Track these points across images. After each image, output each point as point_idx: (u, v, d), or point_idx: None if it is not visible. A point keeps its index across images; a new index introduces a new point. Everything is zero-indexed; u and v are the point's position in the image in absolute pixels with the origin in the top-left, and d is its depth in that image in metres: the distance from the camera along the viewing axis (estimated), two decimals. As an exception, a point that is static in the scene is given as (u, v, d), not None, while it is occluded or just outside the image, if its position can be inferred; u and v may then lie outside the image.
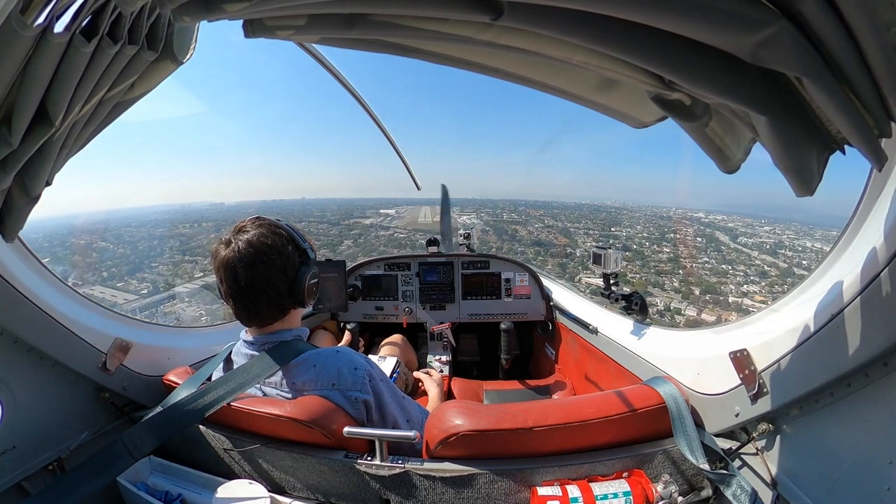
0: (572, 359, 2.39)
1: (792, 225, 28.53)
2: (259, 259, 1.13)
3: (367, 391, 1.19)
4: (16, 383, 1.15)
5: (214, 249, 1.17)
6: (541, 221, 36.32)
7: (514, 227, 35.06)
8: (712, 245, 28.59)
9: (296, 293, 1.19)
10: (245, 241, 1.13)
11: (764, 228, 29.16)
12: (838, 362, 0.85)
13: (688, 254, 27.25)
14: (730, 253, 27.20)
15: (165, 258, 25.03)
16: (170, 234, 28.47)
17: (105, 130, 1.04)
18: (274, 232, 1.18)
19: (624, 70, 0.72)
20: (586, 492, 1.02)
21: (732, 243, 28.10)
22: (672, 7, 0.54)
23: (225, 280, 1.15)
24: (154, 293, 19.31)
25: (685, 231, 30.65)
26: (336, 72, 1.94)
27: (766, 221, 29.79)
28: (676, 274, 24.50)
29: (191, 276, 21.68)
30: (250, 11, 0.65)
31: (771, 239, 27.97)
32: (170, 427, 1.13)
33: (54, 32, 0.70)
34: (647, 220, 33.71)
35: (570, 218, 37.01)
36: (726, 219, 31.25)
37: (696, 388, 1.25)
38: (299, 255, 1.22)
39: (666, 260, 26.54)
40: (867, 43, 0.53)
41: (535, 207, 40.64)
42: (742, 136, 0.83)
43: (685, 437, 1.12)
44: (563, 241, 31.34)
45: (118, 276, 21.53)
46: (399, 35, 0.73)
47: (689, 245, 28.53)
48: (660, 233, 30.22)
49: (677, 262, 26.27)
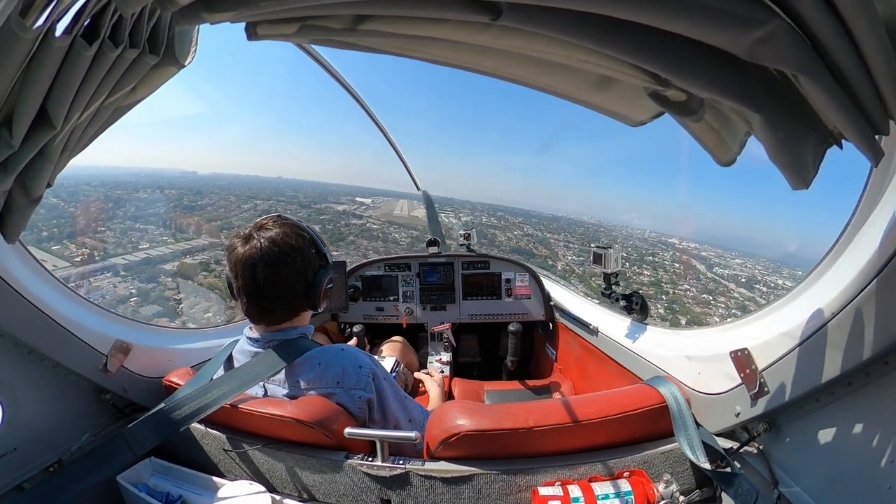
0: (573, 359, 2.39)
1: (761, 261, 28.79)
2: (282, 259, 1.12)
3: (370, 389, 1.19)
4: (16, 385, 1.15)
5: (231, 244, 1.16)
6: (520, 229, 36.17)
7: (493, 231, 34.87)
8: (690, 272, 28.56)
9: (311, 296, 1.19)
10: (268, 238, 1.12)
11: (735, 261, 29.29)
12: (839, 361, 0.85)
13: (668, 279, 27.03)
14: (708, 283, 27.20)
15: (115, 223, 23.08)
16: (127, 198, 26.44)
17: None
18: (297, 233, 1.17)
19: (621, 68, 0.72)
20: (587, 492, 1.02)
21: (709, 273, 28.18)
22: (669, 5, 0.54)
23: (241, 276, 1.13)
24: (91, 261, 17.79)
25: (663, 255, 30.57)
26: (335, 71, 1.94)
27: (738, 254, 29.99)
28: (660, 299, 24.29)
29: (134, 247, 20.13)
30: (251, 14, 0.66)
31: (744, 272, 28.09)
32: (172, 424, 1.13)
33: (55, 35, 0.70)
34: (624, 240, 33.67)
35: (549, 229, 36.95)
36: (699, 247, 31.48)
37: (697, 387, 1.24)
38: (319, 258, 1.22)
39: (647, 283, 26.25)
40: (864, 40, 0.53)
41: (513, 214, 40.58)
42: (738, 129, 0.83)
43: (686, 437, 1.12)
44: (543, 251, 31.16)
45: (57, 237, 19.68)
46: (398, 35, 0.73)
47: (669, 271, 28.44)
48: (638, 254, 30.07)
49: (659, 286, 25.98)
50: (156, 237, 21.72)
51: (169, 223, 24.95)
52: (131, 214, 24.51)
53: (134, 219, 23.95)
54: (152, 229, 22.63)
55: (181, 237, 22.97)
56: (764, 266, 28.26)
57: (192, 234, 23.83)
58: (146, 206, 26.25)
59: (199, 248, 20.49)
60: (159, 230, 23.29)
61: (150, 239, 21.13)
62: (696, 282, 27.50)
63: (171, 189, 30.09)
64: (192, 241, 21.57)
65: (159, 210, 25.69)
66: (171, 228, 24.47)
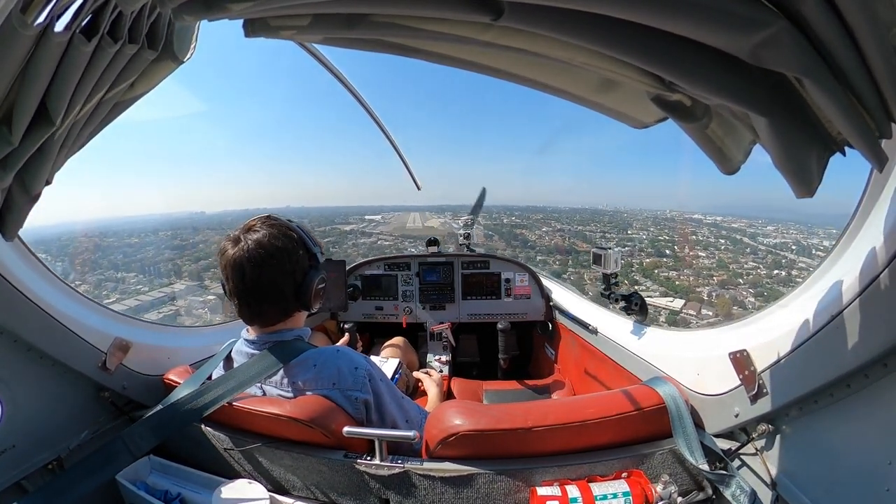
0: (572, 359, 2.39)
1: (789, 224, 26.87)
2: (268, 261, 1.11)
3: (367, 391, 1.19)
4: (15, 382, 1.15)
5: (222, 247, 1.15)
6: (547, 225, 34.45)
7: (519, 230, 33.12)
8: (742, 248, 26.16)
9: (302, 297, 1.18)
10: (255, 240, 1.11)
11: (768, 228, 27.45)
12: (838, 363, 0.85)
13: (729, 259, 24.91)
14: (766, 256, 24.87)
15: (95, 275, 21.99)
16: (118, 244, 25.19)
17: (104, 132, 1.04)
18: (285, 234, 1.16)
19: (624, 71, 0.72)
20: (586, 492, 1.02)
21: (760, 245, 25.82)
22: (672, 7, 0.54)
23: (231, 279, 1.14)
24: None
25: (701, 232, 28.27)
26: (336, 71, 1.94)
27: (765, 221, 28.10)
28: (739, 284, 21.91)
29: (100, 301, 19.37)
30: (251, 11, 0.65)
31: (787, 238, 25.90)
32: (170, 425, 1.13)
33: (55, 31, 0.70)
34: (655, 222, 32.11)
35: (576, 221, 34.81)
36: (726, 219, 29.34)
37: (696, 388, 1.25)
38: (309, 258, 1.20)
39: (713, 267, 24.38)
40: (867, 43, 0.53)
41: (530, 212, 39.10)
42: (742, 137, 0.83)
43: (685, 438, 1.12)
44: (583, 245, 28.76)
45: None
46: (400, 35, 0.73)
47: (722, 249, 26.10)
48: (678, 235, 28.21)
49: (727, 268, 23.92)
50: (130, 287, 20.64)
51: (150, 269, 23.70)
52: (114, 263, 23.44)
53: (115, 268, 22.88)
54: (130, 277, 21.53)
55: (158, 283, 21.72)
56: (796, 230, 26.30)
57: (171, 279, 22.53)
58: (134, 251, 25.25)
59: (169, 298, 19.08)
60: (137, 277, 22.15)
61: (124, 290, 20.15)
62: (755, 257, 25.40)
63: (166, 231, 28.74)
64: (167, 288, 20.38)
65: (147, 255, 24.62)
66: (150, 274, 23.14)
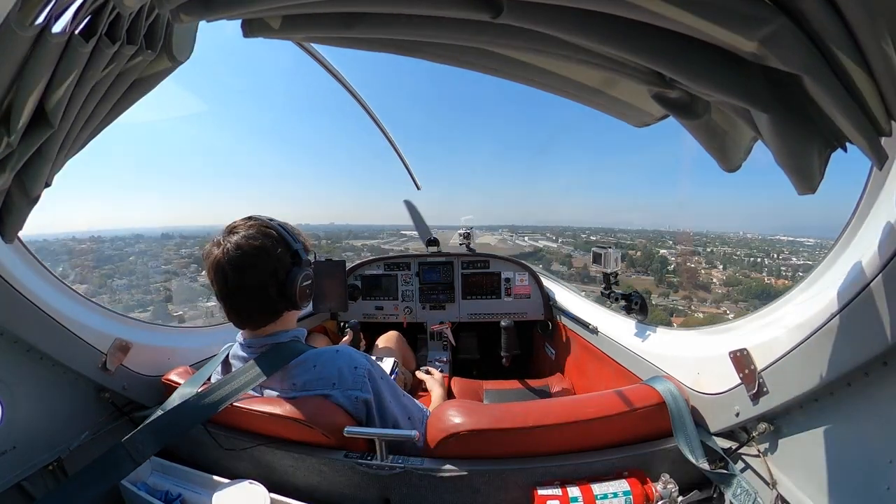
0: (572, 358, 2.39)
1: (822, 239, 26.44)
2: (246, 262, 1.10)
3: (367, 390, 1.18)
4: (15, 383, 1.15)
5: (207, 250, 1.15)
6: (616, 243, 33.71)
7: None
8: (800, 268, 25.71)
9: (287, 296, 1.17)
10: (234, 242, 1.11)
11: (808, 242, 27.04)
12: (838, 362, 0.85)
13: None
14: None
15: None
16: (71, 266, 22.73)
17: (103, 135, 1.04)
18: (263, 233, 1.14)
19: (624, 68, 0.72)
20: (586, 492, 1.02)
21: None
22: (672, 4, 0.54)
23: (215, 282, 1.13)
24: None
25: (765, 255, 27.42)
26: (335, 71, 1.93)
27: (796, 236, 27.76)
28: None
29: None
30: (249, 11, 0.65)
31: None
32: (170, 431, 1.13)
33: (52, 32, 0.69)
34: (734, 244, 31.45)
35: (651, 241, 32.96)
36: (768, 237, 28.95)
37: (697, 387, 1.24)
38: (291, 256, 1.19)
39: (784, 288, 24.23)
40: (867, 40, 0.53)
41: (596, 233, 37.08)
42: (743, 134, 0.82)
43: (685, 437, 1.12)
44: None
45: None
46: (398, 34, 0.73)
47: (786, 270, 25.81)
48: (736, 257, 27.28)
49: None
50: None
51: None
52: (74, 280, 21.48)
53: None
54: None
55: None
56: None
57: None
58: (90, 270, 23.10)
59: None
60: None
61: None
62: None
63: (142, 244, 26.52)
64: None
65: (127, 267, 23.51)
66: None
